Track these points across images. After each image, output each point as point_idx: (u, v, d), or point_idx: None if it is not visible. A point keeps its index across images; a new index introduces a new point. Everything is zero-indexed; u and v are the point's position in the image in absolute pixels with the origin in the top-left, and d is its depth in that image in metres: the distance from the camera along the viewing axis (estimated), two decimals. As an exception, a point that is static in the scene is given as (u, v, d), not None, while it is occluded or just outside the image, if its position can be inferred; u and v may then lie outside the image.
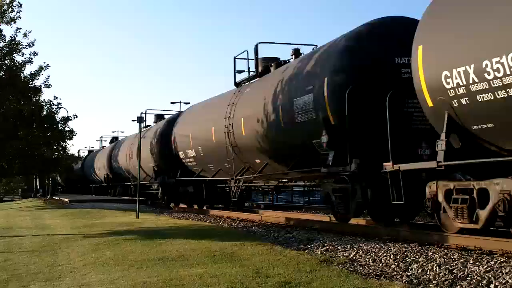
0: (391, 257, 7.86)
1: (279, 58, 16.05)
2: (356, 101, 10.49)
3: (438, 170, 8.77)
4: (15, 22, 15.01)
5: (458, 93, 7.80)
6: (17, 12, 14.83)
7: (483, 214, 8.08)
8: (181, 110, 31.10)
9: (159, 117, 29.95)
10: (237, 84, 17.98)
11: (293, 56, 14.87)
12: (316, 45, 14.59)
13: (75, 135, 19.09)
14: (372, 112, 10.42)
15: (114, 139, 46.95)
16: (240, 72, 21.16)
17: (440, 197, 8.89)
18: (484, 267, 6.62)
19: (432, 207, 9.09)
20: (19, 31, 15.18)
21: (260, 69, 16.32)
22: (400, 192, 9.58)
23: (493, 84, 7.18)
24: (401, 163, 9.52)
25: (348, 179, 11.17)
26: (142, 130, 23.36)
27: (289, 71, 13.64)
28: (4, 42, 15.10)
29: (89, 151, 58.76)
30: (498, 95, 7.17)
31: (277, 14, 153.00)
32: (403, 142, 10.02)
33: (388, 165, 9.75)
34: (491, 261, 6.92)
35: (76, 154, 59.27)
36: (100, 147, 52.74)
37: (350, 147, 10.70)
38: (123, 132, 53.09)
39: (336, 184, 11.74)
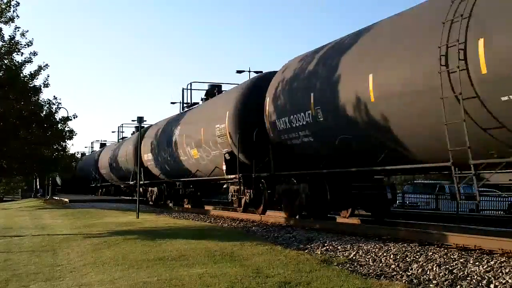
0: (391, 257, 7.86)
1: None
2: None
3: None
4: (13, 22, 15.01)
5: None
6: (13, 11, 14.83)
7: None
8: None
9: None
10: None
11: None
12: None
13: (75, 135, 19.05)
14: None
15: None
16: (240, 72, 28.56)
17: None
18: (484, 267, 6.62)
19: None
20: (18, 30, 15.18)
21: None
22: None
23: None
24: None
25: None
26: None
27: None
28: (3, 42, 15.10)
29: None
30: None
31: (277, 14, 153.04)
32: None
33: None
34: (491, 261, 6.92)
35: (76, 154, 59.39)
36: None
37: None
38: (123, 132, 53.23)
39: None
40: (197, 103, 23.76)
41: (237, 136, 15.82)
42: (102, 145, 53.97)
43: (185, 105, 26.25)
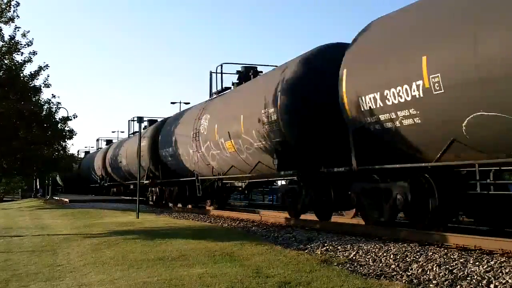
0: (391, 257, 7.86)
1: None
2: None
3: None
4: (13, 21, 15.01)
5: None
6: (13, 11, 14.83)
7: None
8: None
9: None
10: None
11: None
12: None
13: (75, 134, 19.03)
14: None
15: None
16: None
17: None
18: (484, 267, 6.62)
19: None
20: (18, 30, 15.18)
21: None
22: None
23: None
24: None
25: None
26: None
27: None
28: (3, 42, 15.10)
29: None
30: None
31: (278, 14, 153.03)
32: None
33: None
34: (491, 261, 6.92)
35: (76, 154, 59.42)
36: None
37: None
38: (123, 132, 53.29)
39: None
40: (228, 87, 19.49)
41: (294, 120, 12.55)
42: (108, 142, 51.94)
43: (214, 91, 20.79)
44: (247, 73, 17.80)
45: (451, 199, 9.40)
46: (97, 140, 57.02)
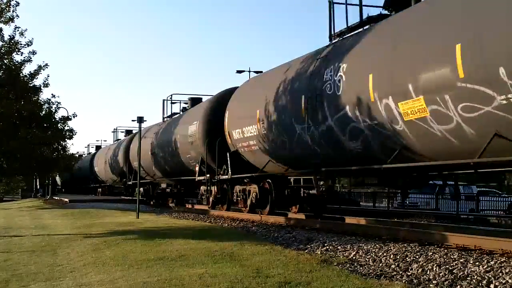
0: (391, 257, 7.86)
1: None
2: None
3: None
4: (13, 21, 15.01)
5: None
6: (13, 11, 14.83)
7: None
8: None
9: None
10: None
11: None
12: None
13: (75, 134, 19.05)
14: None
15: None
16: (240, 72, 30.07)
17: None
18: (484, 267, 6.62)
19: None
20: (17, 30, 15.18)
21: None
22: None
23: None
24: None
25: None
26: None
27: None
28: (3, 42, 15.10)
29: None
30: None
31: (278, 14, 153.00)
32: None
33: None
34: (491, 261, 6.92)
35: (76, 155, 59.50)
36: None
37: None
38: (123, 132, 53.32)
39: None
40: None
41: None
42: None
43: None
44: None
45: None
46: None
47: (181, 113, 25.40)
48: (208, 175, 18.70)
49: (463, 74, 7.94)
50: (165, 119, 27.17)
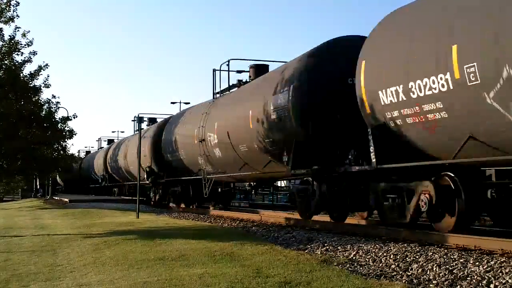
0: (391, 257, 7.85)
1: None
2: None
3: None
4: (13, 21, 15.01)
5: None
6: (13, 11, 14.83)
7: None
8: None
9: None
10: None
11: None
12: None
13: (75, 134, 19.02)
14: None
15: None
16: (240, 72, 24.32)
17: None
18: (484, 267, 6.61)
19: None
20: (18, 30, 15.18)
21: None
22: None
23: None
24: None
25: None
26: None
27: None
28: (3, 42, 15.10)
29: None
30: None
31: (278, 14, 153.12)
32: None
33: None
34: (491, 261, 6.92)
35: (76, 154, 59.41)
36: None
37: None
38: (123, 132, 53.27)
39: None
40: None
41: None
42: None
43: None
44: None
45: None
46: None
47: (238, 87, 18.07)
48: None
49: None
50: (216, 95, 19.60)
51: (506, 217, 9.39)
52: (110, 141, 51.61)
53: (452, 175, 9.03)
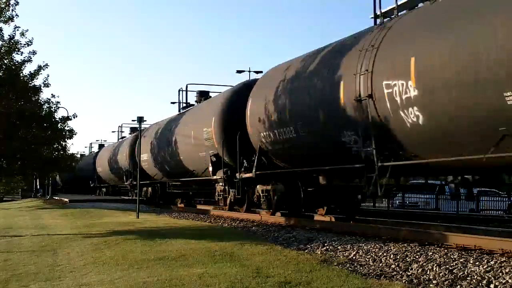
0: (391, 257, 7.86)
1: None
2: None
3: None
4: (12, 21, 15.02)
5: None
6: (12, 10, 14.84)
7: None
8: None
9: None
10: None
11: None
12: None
13: (75, 134, 19.04)
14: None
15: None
16: (240, 72, 33.54)
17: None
18: (484, 267, 6.62)
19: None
20: (17, 30, 15.19)
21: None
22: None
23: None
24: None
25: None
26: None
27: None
28: (3, 41, 15.10)
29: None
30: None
31: (278, 14, 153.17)
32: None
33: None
34: (491, 261, 6.92)
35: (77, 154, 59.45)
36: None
37: None
38: (123, 132, 53.34)
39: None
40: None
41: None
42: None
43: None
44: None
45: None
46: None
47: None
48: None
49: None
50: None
51: None
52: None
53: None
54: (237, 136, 15.89)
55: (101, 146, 55.56)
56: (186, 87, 25.69)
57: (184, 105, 25.72)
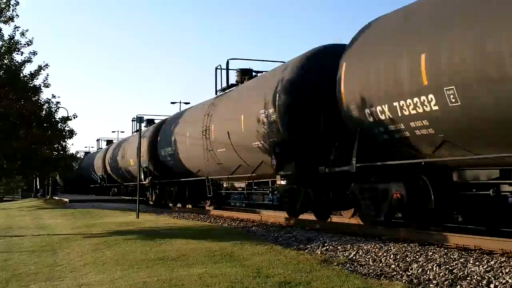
0: (391, 257, 7.86)
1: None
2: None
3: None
4: (12, 21, 15.03)
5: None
6: (12, 10, 14.85)
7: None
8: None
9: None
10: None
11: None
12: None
13: (75, 134, 19.08)
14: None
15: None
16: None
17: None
18: (484, 267, 6.62)
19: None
20: (17, 30, 15.20)
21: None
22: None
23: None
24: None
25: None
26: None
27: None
28: (3, 41, 15.11)
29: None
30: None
31: (278, 14, 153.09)
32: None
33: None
34: (491, 261, 6.93)
35: (77, 154, 59.30)
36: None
37: None
38: (123, 132, 53.23)
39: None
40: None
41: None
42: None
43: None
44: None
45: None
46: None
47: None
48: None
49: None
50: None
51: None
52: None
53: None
54: (320, 116, 11.98)
55: (109, 142, 52.00)
56: (227, 63, 18.96)
57: (222, 87, 19.24)
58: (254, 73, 17.93)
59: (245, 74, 17.82)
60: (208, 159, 18.09)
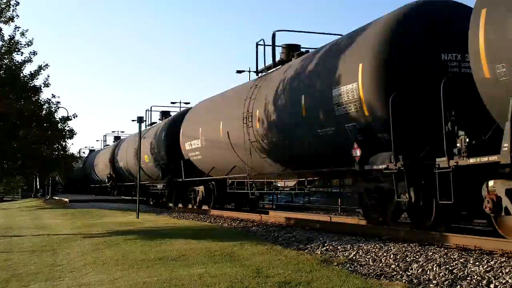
0: (391, 257, 7.85)
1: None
2: None
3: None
4: (13, 21, 15.02)
5: None
6: (12, 11, 14.84)
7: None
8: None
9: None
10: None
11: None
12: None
13: (75, 134, 19.08)
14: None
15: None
16: (240, 72, 24.27)
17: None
18: (484, 267, 6.61)
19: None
20: (18, 30, 15.19)
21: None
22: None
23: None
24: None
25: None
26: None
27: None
28: (3, 42, 15.11)
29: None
30: None
31: (278, 14, 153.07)
32: None
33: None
34: (491, 261, 6.92)
35: (77, 154, 59.07)
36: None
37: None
38: (123, 131, 53.02)
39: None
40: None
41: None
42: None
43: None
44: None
45: None
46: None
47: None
48: None
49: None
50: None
51: None
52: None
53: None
54: (440, 87, 8.55)
55: (117, 138, 48.59)
56: (273, 36, 15.71)
57: (266, 65, 16.14)
58: (302, 49, 15.11)
59: (293, 50, 15.08)
60: (250, 152, 14.92)
